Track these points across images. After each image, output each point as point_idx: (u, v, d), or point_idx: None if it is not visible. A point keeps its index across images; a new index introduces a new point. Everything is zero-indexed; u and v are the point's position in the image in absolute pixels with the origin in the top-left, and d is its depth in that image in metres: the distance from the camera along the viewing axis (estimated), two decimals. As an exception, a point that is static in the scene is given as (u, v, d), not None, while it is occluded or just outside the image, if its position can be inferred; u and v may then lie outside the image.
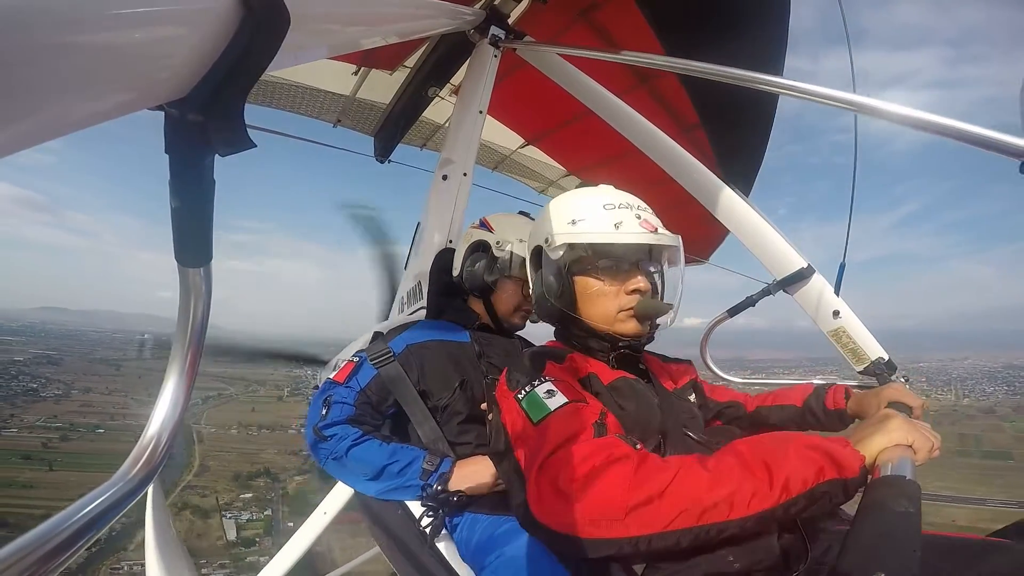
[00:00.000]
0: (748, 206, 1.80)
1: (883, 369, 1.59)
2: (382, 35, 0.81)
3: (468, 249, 1.50)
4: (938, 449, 0.75)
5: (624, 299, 1.05)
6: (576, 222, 1.06)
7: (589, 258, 1.06)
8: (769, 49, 1.88)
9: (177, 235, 0.46)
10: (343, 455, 1.19)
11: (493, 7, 1.81)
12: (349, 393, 1.27)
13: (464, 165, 1.72)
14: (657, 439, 0.95)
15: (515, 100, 2.47)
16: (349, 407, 1.25)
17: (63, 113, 0.31)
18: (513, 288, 1.45)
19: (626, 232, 1.03)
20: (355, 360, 1.33)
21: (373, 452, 1.19)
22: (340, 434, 1.21)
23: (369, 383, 1.27)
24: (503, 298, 1.47)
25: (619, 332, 1.06)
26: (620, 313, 1.05)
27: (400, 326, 1.46)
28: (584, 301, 1.07)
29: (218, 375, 48.19)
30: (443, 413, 1.29)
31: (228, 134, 0.41)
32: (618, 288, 1.05)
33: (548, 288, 1.08)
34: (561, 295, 1.07)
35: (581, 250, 1.06)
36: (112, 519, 0.51)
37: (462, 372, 1.33)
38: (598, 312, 1.06)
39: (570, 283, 1.07)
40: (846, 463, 0.69)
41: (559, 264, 1.07)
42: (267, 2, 0.39)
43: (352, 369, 1.31)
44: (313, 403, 1.31)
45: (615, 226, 1.03)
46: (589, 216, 1.06)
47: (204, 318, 0.56)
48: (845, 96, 1.05)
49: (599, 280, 1.06)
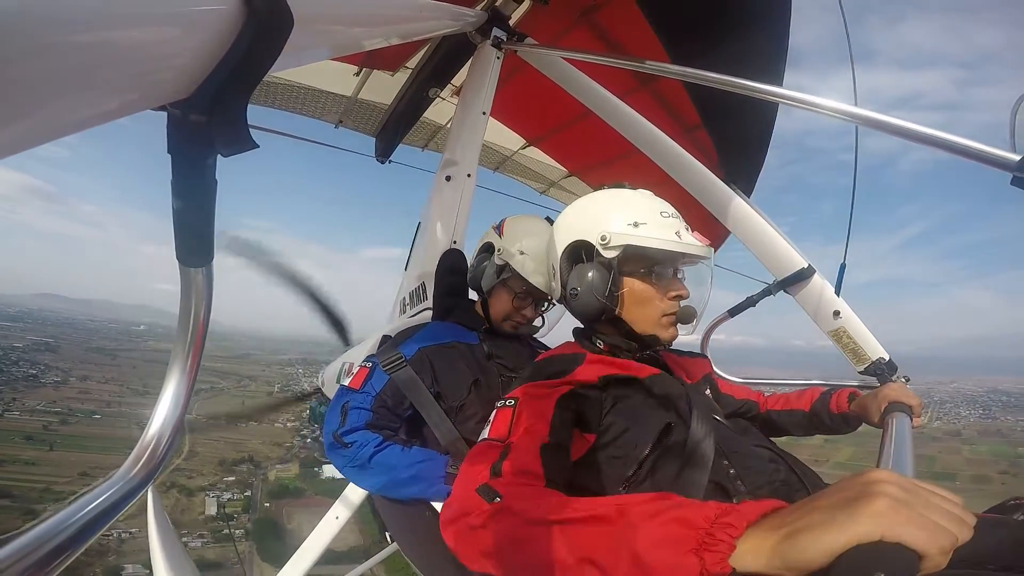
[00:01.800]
0: (749, 207, 1.80)
1: (883, 369, 1.59)
2: (384, 36, 0.81)
3: (478, 249, 1.52)
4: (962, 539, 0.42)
5: (668, 304, 1.09)
6: (639, 225, 1.07)
7: (643, 261, 1.09)
8: (770, 51, 1.88)
9: (179, 235, 0.46)
10: (366, 462, 1.19)
11: (495, 8, 1.81)
12: (365, 399, 1.27)
13: (468, 166, 1.72)
14: (684, 427, 0.97)
15: (516, 101, 2.48)
16: (367, 412, 1.25)
17: (66, 113, 0.31)
18: (505, 296, 1.46)
19: (687, 243, 1.07)
20: (368, 366, 1.33)
21: (396, 457, 1.19)
22: (361, 440, 1.21)
23: (384, 388, 1.28)
24: (495, 304, 1.48)
25: (660, 336, 1.10)
26: (664, 318, 1.09)
27: (410, 328, 1.46)
28: (631, 303, 1.09)
29: (214, 369, 48.80)
30: (459, 414, 1.30)
31: (231, 135, 0.41)
32: (662, 293, 1.09)
33: (593, 286, 1.07)
34: (608, 294, 1.07)
35: (638, 253, 1.07)
36: (112, 519, 0.51)
37: (475, 373, 1.34)
38: (644, 315, 1.09)
39: (618, 283, 1.08)
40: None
41: (611, 263, 1.07)
42: (270, 3, 0.39)
43: (366, 375, 1.31)
44: (330, 411, 1.30)
45: (676, 234, 1.07)
46: (651, 222, 1.08)
47: (205, 318, 0.56)
48: (839, 107, 1.06)
49: (648, 284, 1.09)
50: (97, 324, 67.12)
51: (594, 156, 2.91)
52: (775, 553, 0.43)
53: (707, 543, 0.47)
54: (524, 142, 3.05)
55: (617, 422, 0.97)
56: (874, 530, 0.40)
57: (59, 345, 50.33)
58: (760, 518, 0.48)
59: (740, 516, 0.48)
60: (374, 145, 2.91)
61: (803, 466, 1.00)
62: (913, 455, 0.91)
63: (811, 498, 0.48)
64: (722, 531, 0.47)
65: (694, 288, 1.14)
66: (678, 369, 1.21)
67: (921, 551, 0.39)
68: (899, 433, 1.03)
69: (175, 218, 0.45)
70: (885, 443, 0.98)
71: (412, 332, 1.42)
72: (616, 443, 0.96)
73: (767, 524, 0.47)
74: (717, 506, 0.51)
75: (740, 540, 0.46)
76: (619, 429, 0.96)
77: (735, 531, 0.47)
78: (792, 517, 0.46)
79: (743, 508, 0.50)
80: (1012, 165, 0.80)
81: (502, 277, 1.43)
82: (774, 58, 1.89)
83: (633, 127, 1.86)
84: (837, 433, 1.37)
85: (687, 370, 1.24)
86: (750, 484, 0.90)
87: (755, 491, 0.89)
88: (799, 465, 0.99)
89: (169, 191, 0.43)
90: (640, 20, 1.86)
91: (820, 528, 0.42)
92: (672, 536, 0.50)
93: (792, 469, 0.96)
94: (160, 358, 39.23)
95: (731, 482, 0.90)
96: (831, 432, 1.37)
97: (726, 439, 0.98)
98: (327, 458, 1.27)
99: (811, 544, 0.41)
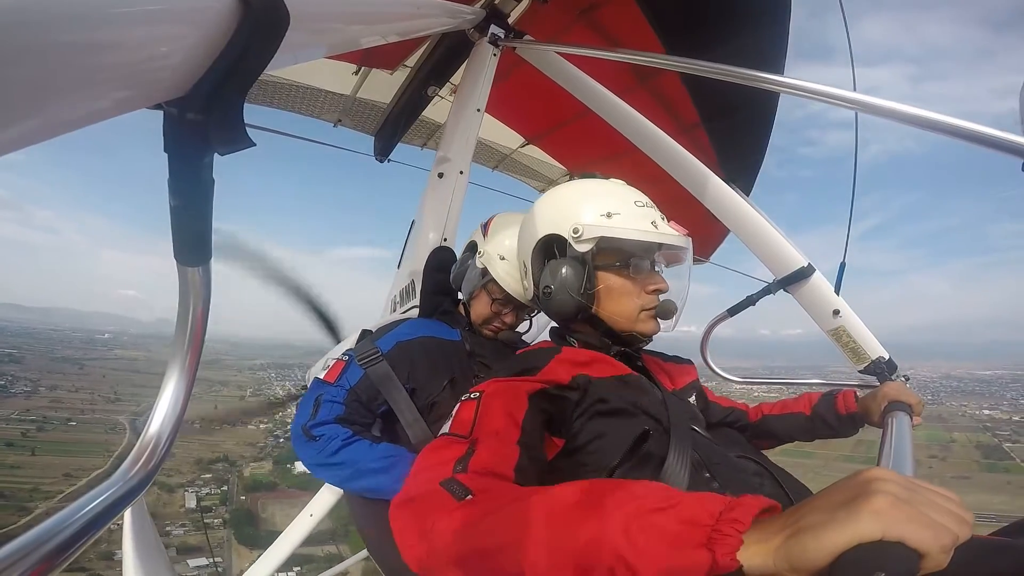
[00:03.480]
0: (748, 205, 1.80)
1: (883, 368, 1.59)
2: (382, 34, 0.81)
3: (465, 247, 1.49)
4: (963, 537, 0.41)
5: (646, 299, 1.04)
6: (612, 215, 1.00)
7: (619, 254, 1.03)
8: (770, 47, 1.88)
9: (176, 234, 0.46)
10: (332, 454, 1.16)
11: (493, 6, 1.81)
12: (339, 392, 1.24)
13: (460, 163, 1.71)
14: (663, 435, 0.92)
15: (515, 99, 2.47)
16: (339, 406, 1.23)
17: (61, 112, 0.30)
18: (485, 300, 1.42)
19: (663, 233, 1.01)
20: (344, 359, 1.31)
21: (362, 452, 1.17)
22: (329, 434, 1.18)
23: (358, 383, 1.25)
24: (475, 307, 1.45)
25: (639, 331, 1.05)
26: (642, 312, 1.04)
27: (389, 324, 1.44)
28: (607, 298, 1.03)
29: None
30: (432, 412, 1.27)
31: (227, 133, 0.41)
32: (639, 287, 1.03)
33: (566, 281, 1.01)
34: (583, 291, 1.02)
35: (613, 245, 1.01)
36: (112, 519, 0.51)
37: (452, 370, 1.31)
38: (621, 310, 1.03)
39: (593, 278, 1.02)
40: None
41: (585, 257, 1.01)
42: (266, 1, 0.39)
43: (342, 368, 1.28)
44: (303, 402, 1.28)
45: (652, 224, 1.01)
46: (624, 211, 1.01)
47: (204, 317, 0.56)
48: (846, 94, 1.04)
49: (624, 278, 1.03)
50: (60, 333, 66.53)
51: (593, 154, 2.90)
52: (779, 555, 0.43)
53: (714, 539, 0.46)
54: (523, 140, 3.04)
55: (588, 427, 0.89)
56: (875, 528, 0.39)
57: (23, 356, 50.26)
58: (760, 515, 0.47)
59: (746, 510, 0.47)
60: (373, 144, 2.90)
61: (792, 480, 0.93)
62: (913, 454, 0.91)
63: (811, 499, 0.47)
64: (729, 526, 0.46)
65: (673, 281, 1.07)
66: (660, 374, 1.15)
67: (922, 549, 0.39)
68: (899, 432, 1.03)
69: (172, 217, 0.45)
70: (885, 442, 0.98)
71: (392, 327, 1.40)
72: (587, 448, 0.88)
73: (769, 525, 0.46)
74: (722, 500, 0.50)
75: (746, 535, 0.46)
76: (590, 434, 0.89)
77: (742, 526, 0.46)
78: (794, 518, 0.45)
79: (746, 501, 0.48)
80: (1023, 150, 0.78)
81: (483, 281, 1.39)
82: (773, 55, 1.89)
83: (632, 125, 1.85)
84: (841, 436, 1.32)
85: (671, 375, 1.18)
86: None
87: None
88: (787, 478, 0.92)
89: (166, 190, 0.43)
90: (639, 18, 1.86)
91: (821, 527, 0.41)
92: (678, 535, 0.48)
93: (778, 482, 0.89)
94: (129, 366, 36.87)
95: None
96: (835, 435, 1.32)
97: (705, 449, 0.91)
98: (295, 451, 1.25)
99: (813, 544, 0.41)
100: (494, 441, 0.78)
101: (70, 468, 31.81)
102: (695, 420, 1.02)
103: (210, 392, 48.26)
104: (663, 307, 1.05)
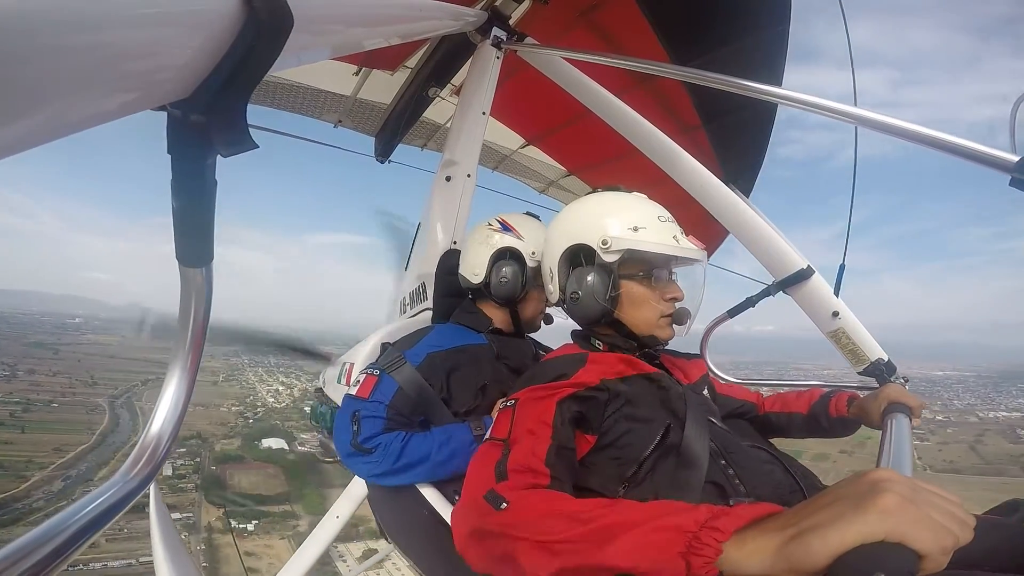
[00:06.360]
0: (748, 207, 1.80)
1: (883, 370, 1.59)
2: (384, 36, 0.81)
3: (494, 256, 1.44)
4: (965, 539, 0.42)
5: (664, 306, 1.12)
6: (639, 229, 1.08)
7: (642, 265, 1.11)
8: (770, 51, 1.89)
9: (179, 235, 0.46)
10: (396, 460, 1.17)
11: (494, 8, 1.81)
12: (377, 407, 1.24)
13: (468, 167, 1.72)
14: (684, 427, 0.97)
15: (515, 100, 2.47)
16: (381, 420, 1.23)
17: (66, 113, 0.30)
18: (539, 296, 1.47)
19: (684, 247, 1.09)
20: (375, 374, 1.30)
21: (423, 445, 1.19)
22: (385, 442, 1.19)
23: (395, 397, 1.25)
24: (530, 306, 1.49)
25: (659, 336, 1.13)
26: (661, 319, 1.12)
27: (414, 333, 1.43)
28: (629, 305, 1.12)
29: (157, 361, 50.22)
30: (469, 418, 1.29)
31: (230, 135, 0.41)
32: (658, 295, 1.12)
33: (594, 289, 1.10)
34: (608, 298, 1.10)
35: (637, 257, 1.09)
36: (113, 518, 0.51)
37: (484, 376, 1.35)
38: (642, 317, 1.12)
39: (617, 286, 1.10)
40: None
41: (611, 267, 1.09)
42: (271, 3, 0.39)
43: (374, 384, 1.28)
44: (339, 422, 1.27)
45: (674, 238, 1.09)
46: (650, 226, 1.09)
47: (205, 318, 0.56)
48: (841, 107, 1.07)
49: (646, 287, 1.11)
50: (30, 317, 65.81)
51: (593, 155, 2.91)
52: (780, 555, 0.44)
53: (694, 547, 0.48)
54: (523, 141, 3.05)
55: (619, 423, 0.97)
56: (879, 528, 0.40)
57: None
58: (756, 520, 0.48)
59: (729, 520, 0.48)
60: (373, 145, 2.91)
61: (801, 467, 1.00)
62: (913, 456, 0.91)
63: (812, 500, 0.47)
64: (709, 535, 0.48)
65: (687, 289, 1.16)
66: (675, 370, 1.22)
67: (923, 551, 0.39)
68: (898, 434, 1.03)
69: (175, 218, 0.45)
70: (885, 443, 0.98)
71: (417, 337, 1.40)
72: (617, 444, 0.96)
73: (770, 526, 0.47)
74: (708, 509, 0.52)
75: (738, 542, 0.47)
76: (621, 430, 0.97)
77: (722, 536, 0.48)
78: (796, 519, 0.45)
79: (736, 511, 0.50)
80: (1010, 166, 0.80)
81: (539, 281, 1.38)
82: (773, 57, 1.89)
83: (632, 127, 1.86)
84: (834, 436, 1.39)
85: (684, 371, 1.25)
86: (749, 484, 0.91)
87: (754, 491, 0.90)
88: (796, 466, 0.99)
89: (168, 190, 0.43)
90: (640, 19, 1.86)
91: (826, 527, 0.41)
92: (661, 541, 0.52)
93: (788, 471, 0.97)
94: (103, 351, 37.43)
95: (729, 482, 0.90)
96: (828, 435, 1.38)
97: (722, 440, 0.98)
98: (349, 469, 1.26)
99: (818, 543, 0.41)
100: (528, 440, 0.89)
101: (59, 443, 34.41)
102: (711, 412, 1.10)
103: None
104: (678, 314, 1.14)
